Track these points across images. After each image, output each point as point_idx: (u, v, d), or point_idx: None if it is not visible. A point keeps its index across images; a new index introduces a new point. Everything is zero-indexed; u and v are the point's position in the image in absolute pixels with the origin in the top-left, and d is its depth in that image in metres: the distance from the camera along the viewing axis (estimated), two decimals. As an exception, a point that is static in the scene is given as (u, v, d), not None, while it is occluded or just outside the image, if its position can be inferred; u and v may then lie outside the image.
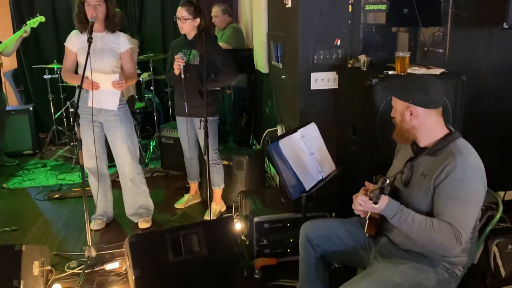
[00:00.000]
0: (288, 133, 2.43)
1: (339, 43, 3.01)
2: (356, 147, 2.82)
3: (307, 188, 2.33)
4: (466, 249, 1.82)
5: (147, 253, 2.46)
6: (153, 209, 3.48)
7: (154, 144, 5.07)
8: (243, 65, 4.29)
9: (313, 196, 2.58)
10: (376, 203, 1.70)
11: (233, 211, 3.52)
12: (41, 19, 4.32)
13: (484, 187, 1.75)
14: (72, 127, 2.68)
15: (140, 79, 5.09)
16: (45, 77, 5.16)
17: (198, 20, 3.23)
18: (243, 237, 3.00)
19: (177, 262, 2.46)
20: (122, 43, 3.10)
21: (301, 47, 3.02)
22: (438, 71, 2.62)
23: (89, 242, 2.76)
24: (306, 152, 2.43)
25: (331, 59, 3.05)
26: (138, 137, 4.91)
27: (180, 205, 3.77)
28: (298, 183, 2.31)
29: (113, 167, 3.39)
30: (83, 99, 3.02)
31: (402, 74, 2.58)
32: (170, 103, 5.30)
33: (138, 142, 3.43)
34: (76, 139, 2.69)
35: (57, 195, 4.02)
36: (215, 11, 4.88)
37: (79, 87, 2.75)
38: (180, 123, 3.54)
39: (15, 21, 5.64)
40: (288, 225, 2.79)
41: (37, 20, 4.31)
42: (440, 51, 3.12)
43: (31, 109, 5.25)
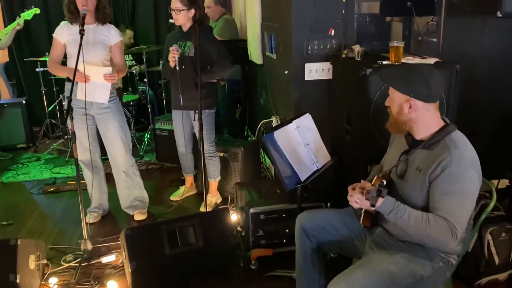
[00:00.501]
0: (283, 124, 2.42)
1: (333, 33, 3.00)
2: (351, 138, 2.82)
3: (303, 179, 2.33)
4: (461, 239, 1.84)
5: (143, 245, 2.47)
6: (149, 202, 3.48)
7: (148, 136, 5.05)
8: (237, 56, 4.26)
9: (309, 187, 2.58)
10: (373, 206, 1.69)
11: (229, 202, 3.52)
12: (36, 11, 4.26)
13: (479, 180, 1.75)
14: (65, 120, 2.65)
15: (133, 71, 5.06)
16: (38, 70, 5.12)
17: (192, 11, 3.20)
18: (239, 228, 3.00)
19: (173, 254, 2.46)
20: (112, 35, 3.07)
21: (295, 38, 3.01)
22: (432, 60, 2.62)
23: (85, 235, 2.77)
24: (301, 143, 2.43)
25: (325, 49, 3.04)
26: (132, 129, 4.91)
27: (175, 197, 3.77)
28: (293, 174, 2.31)
29: (106, 159, 3.37)
30: (75, 92, 2.99)
31: (396, 64, 2.58)
32: (164, 95, 5.27)
33: (131, 134, 3.42)
34: (69, 132, 2.67)
35: (52, 189, 4.01)
36: (208, 2, 4.84)
37: (70, 80, 2.73)
38: (175, 116, 3.52)
39: (6, 14, 5.57)
40: (283, 216, 2.80)
41: (31, 12, 4.25)
42: (434, 40, 3.11)
43: (24, 102, 5.21)
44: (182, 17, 3.21)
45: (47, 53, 4.93)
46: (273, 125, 3.53)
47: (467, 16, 3.01)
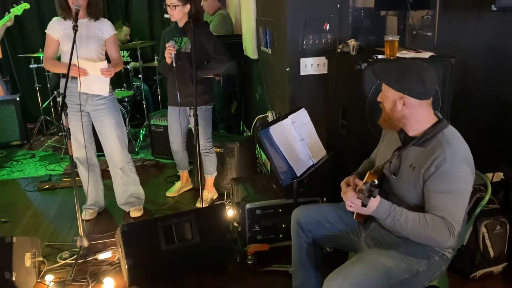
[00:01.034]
0: (278, 119, 2.42)
1: (328, 28, 2.99)
2: (346, 132, 2.82)
3: (298, 174, 2.33)
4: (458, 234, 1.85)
5: (139, 241, 2.46)
6: (145, 198, 3.48)
7: (143, 132, 5.03)
8: (232, 51, 4.24)
9: (304, 181, 2.59)
10: (365, 206, 1.67)
11: (225, 198, 3.53)
12: (26, 6, 4.22)
13: (472, 175, 1.75)
14: (59, 117, 2.64)
15: (128, 67, 5.03)
16: (31, 66, 5.08)
17: (188, 6, 3.18)
18: (235, 224, 3.01)
19: (169, 250, 2.46)
20: (106, 29, 3.06)
21: (290, 32, 3.00)
22: (427, 54, 2.62)
23: (81, 232, 2.75)
24: (296, 138, 2.43)
25: (320, 44, 3.03)
26: (127, 126, 4.89)
27: (171, 193, 3.76)
28: (289, 169, 2.31)
29: (102, 156, 3.36)
30: (70, 88, 2.98)
31: (391, 58, 2.57)
32: (159, 90, 5.25)
33: (126, 130, 3.40)
34: (64, 129, 2.66)
35: (47, 186, 3.99)
36: None
37: (64, 76, 2.71)
38: (172, 113, 3.49)
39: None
40: (280, 211, 2.80)
41: (21, 7, 4.21)
42: (429, 34, 3.11)
43: (18, 99, 5.16)
44: (177, 13, 3.19)
45: (40, 49, 4.90)
46: (269, 120, 3.53)
47: (462, 9, 3.01)
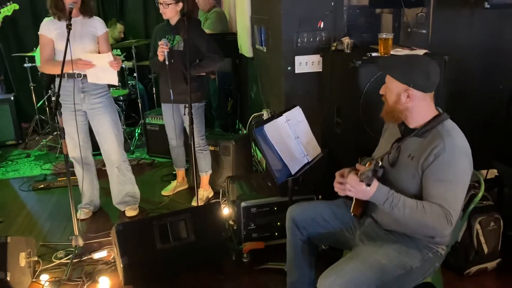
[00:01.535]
0: (273, 117, 2.42)
1: (322, 26, 2.99)
2: (341, 130, 2.83)
3: (293, 172, 2.34)
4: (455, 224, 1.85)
5: (134, 241, 2.46)
6: (140, 197, 3.47)
7: (139, 131, 5.02)
8: (227, 49, 4.25)
9: (299, 179, 2.59)
10: (369, 185, 1.68)
11: (221, 196, 3.53)
12: (15, 6, 4.18)
13: (470, 168, 1.76)
14: (54, 116, 2.63)
15: (123, 66, 5.01)
16: (25, 65, 5.06)
17: (180, 4, 3.18)
18: (231, 222, 3.01)
19: (165, 249, 2.46)
20: (99, 27, 3.06)
21: (284, 30, 3.00)
22: (421, 52, 2.63)
23: (76, 231, 2.75)
24: (291, 136, 2.43)
25: (315, 42, 3.03)
26: (122, 124, 4.87)
27: (167, 192, 3.75)
28: (284, 167, 2.31)
29: (98, 155, 3.35)
30: (65, 88, 2.97)
31: (385, 56, 2.58)
32: (154, 89, 5.24)
33: (123, 129, 3.40)
34: (59, 128, 2.65)
35: (42, 185, 3.98)
36: None
37: (59, 76, 2.70)
38: (165, 110, 3.50)
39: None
40: (275, 209, 2.81)
41: (11, 7, 4.17)
42: (423, 31, 3.12)
43: (12, 98, 5.14)
44: (170, 11, 3.18)
45: (34, 48, 4.88)
46: (264, 118, 3.53)
47: (455, 7, 3.02)
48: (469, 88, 3.08)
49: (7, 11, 4.17)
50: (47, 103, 5.13)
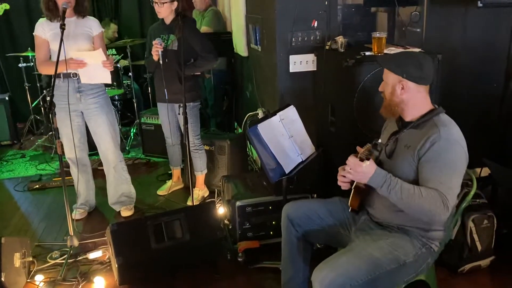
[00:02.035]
0: (267, 116, 2.43)
1: (316, 25, 3.00)
2: (335, 129, 2.83)
3: (287, 171, 2.34)
4: (442, 223, 1.87)
5: (129, 240, 2.46)
6: (136, 196, 3.47)
7: (134, 131, 5.01)
8: (222, 48, 4.25)
9: (294, 178, 2.59)
10: (368, 159, 1.75)
11: (216, 195, 3.53)
12: (6, 6, 4.16)
13: (466, 158, 1.80)
14: (48, 116, 2.62)
15: (118, 65, 5.00)
16: (20, 65, 5.04)
17: (175, 3, 3.18)
18: (226, 221, 3.01)
19: (159, 248, 2.46)
20: (94, 26, 3.05)
21: (279, 30, 3.00)
22: (415, 50, 2.64)
23: (71, 231, 2.74)
24: (285, 135, 2.44)
25: (309, 41, 3.03)
26: (118, 124, 4.86)
27: (162, 191, 3.75)
28: (278, 167, 2.32)
29: (93, 155, 3.34)
30: (60, 88, 2.96)
31: (378, 54, 2.59)
32: (149, 89, 5.23)
33: (119, 129, 3.40)
34: (53, 128, 2.65)
35: (37, 186, 3.97)
36: None
37: (57, 75, 2.70)
38: (161, 109, 3.50)
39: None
40: (270, 208, 2.81)
41: (1, 7, 4.15)
42: (417, 30, 3.13)
43: (7, 98, 5.12)
44: (165, 10, 3.18)
45: (29, 48, 4.87)
46: (259, 118, 3.53)
47: (449, 6, 3.03)
48: (462, 86, 3.09)
49: None
50: (42, 103, 5.11)
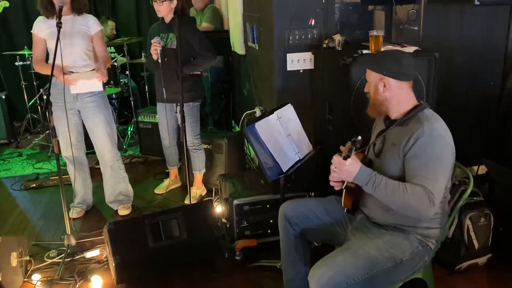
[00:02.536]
0: (264, 115, 2.42)
1: (313, 23, 2.99)
2: (333, 127, 2.83)
3: (284, 169, 2.34)
4: (437, 220, 1.88)
5: (126, 239, 2.45)
6: (133, 195, 3.46)
7: (131, 129, 5.00)
8: (220, 47, 4.24)
9: (292, 177, 2.59)
10: (349, 157, 1.76)
11: (213, 194, 3.52)
12: (5, 4, 4.14)
13: (451, 150, 1.80)
14: (44, 114, 2.61)
15: (115, 63, 4.99)
16: (17, 64, 5.02)
17: (174, 1, 3.17)
18: (223, 220, 3.01)
19: (157, 247, 2.46)
20: (92, 25, 3.03)
21: (276, 28, 3.00)
22: (412, 49, 2.64)
23: (68, 230, 2.74)
24: (282, 133, 2.44)
25: (306, 39, 3.03)
26: (115, 123, 4.85)
27: (160, 190, 3.75)
28: (275, 165, 2.32)
29: (91, 154, 3.34)
30: (57, 87, 2.95)
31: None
32: (147, 87, 5.22)
33: (116, 127, 3.39)
34: (50, 127, 2.64)
35: (34, 185, 3.96)
36: None
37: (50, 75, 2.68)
38: (160, 109, 3.49)
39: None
40: (267, 206, 2.81)
41: (1, 5, 4.14)
42: (414, 28, 3.13)
43: (4, 97, 5.10)
44: (164, 9, 3.17)
45: (26, 47, 4.85)
46: (256, 116, 3.53)
47: (446, 3, 3.03)
48: (459, 84, 3.09)
49: None
50: (39, 102, 5.10)
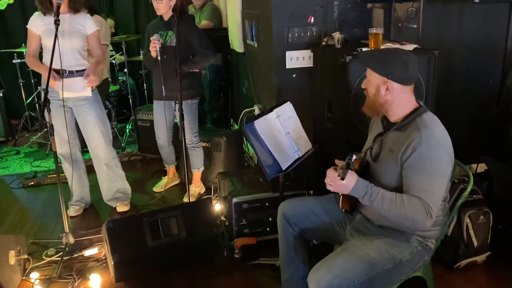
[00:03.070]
0: (263, 113, 2.42)
1: (312, 21, 2.99)
2: (332, 125, 2.83)
3: (284, 167, 2.34)
4: (438, 222, 1.86)
5: (125, 237, 2.45)
6: (132, 193, 3.46)
7: (130, 127, 4.99)
8: (219, 44, 4.22)
9: (291, 175, 2.59)
10: (343, 179, 1.70)
11: (212, 192, 3.52)
12: (9, 0, 4.14)
13: (450, 159, 1.77)
14: (42, 112, 2.60)
15: (113, 61, 4.97)
16: (14, 61, 5.00)
17: None
18: (222, 218, 3.01)
19: (156, 245, 2.45)
20: (89, 25, 3.02)
21: (275, 25, 2.99)
22: (411, 47, 2.63)
23: (66, 228, 2.73)
24: (282, 131, 2.43)
25: (305, 37, 3.02)
26: (113, 121, 4.85)
27: (158, 188, 3.74)
28: (274, 163, 2.31)
29: (87, 152, 3.33)
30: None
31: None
32: (145, 85, 5.21)
33: (112, 125, 3.37)
34: (48, 125, 2.63)
35: (32, 183, 3.94)
36: None
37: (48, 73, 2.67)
38: (157, 107, 3.47)
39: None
40: (266, 204, 2.80)
41: (4, 2, 4.13)
42: (413, 26, 3.12)
43: (1, 95, 5.09)
44: (163, 6, 3.16)
45: (23, 44, 4.82)
46: (255, 114, 3.52)
47: (445, 2, 3.03)
48: (459, 82, 3.09)
49: (0, 5, 4.12)
50: (36, 100, 5.08)
